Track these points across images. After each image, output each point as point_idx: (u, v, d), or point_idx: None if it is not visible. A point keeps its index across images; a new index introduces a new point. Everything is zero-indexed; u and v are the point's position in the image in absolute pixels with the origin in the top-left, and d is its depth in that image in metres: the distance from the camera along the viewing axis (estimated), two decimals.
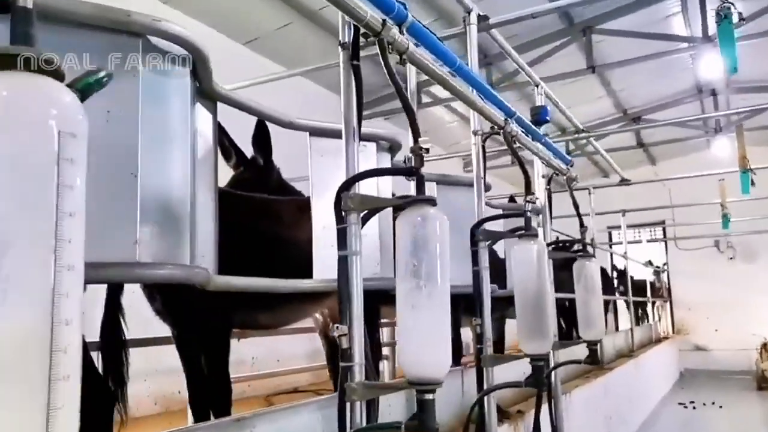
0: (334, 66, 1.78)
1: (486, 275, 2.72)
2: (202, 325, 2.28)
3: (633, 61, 7.02)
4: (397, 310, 1.65)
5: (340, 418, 1.71)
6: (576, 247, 4.08)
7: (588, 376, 5.59)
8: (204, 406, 2.31)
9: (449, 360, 1.66)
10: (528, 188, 2.63)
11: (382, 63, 1.73)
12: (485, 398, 2.68)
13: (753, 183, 6.16)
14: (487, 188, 3.51)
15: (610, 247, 11.76)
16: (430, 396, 1.62)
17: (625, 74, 8.58)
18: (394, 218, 1.86)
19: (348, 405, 1.72)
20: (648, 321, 11.14)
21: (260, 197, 2.60)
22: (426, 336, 1.62)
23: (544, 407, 3.68)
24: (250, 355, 5.40)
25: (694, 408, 8.79)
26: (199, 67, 1.67)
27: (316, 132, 2.25)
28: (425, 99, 7.47)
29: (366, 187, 1.92)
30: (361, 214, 1.81)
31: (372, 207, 1.79)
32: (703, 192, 9.68)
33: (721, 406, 8.77)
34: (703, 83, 9.78)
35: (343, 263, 1.76)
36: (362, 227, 1.84)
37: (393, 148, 2.57)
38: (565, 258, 3.96)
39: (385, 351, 5.52)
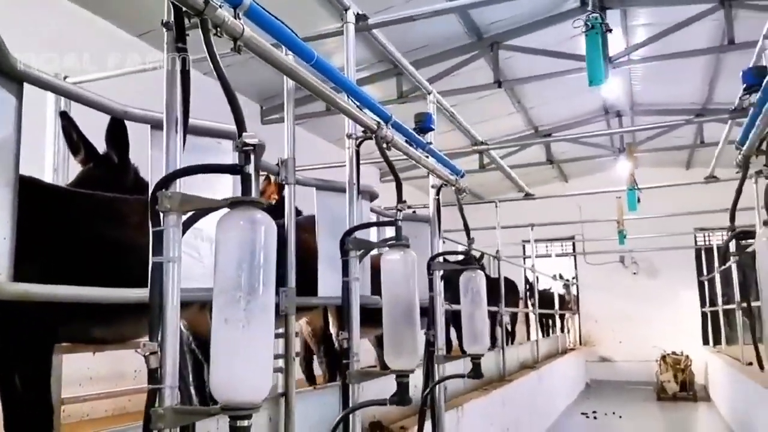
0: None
1: (355, 286, 2.58)
2: (19, 339, 2.00)
3: (539, 78, 7.16)
4: (212, 324, 1.47)
5: None
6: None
7: (486, 388, 5.57)
8: (21, 430, 2.03)
9: (268, 382, 1.48)
10: (399, 196, 2.51)
11: (205, 48, 1.55)
12: (350, 417, 2.53)
13: (639, 200, 6.37)
14: (373, 196, 3.40)
15: (524, 261, 11.99)
16: (245, 422, 1.45)
17: (536, 91, 8.77)
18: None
19: None
20: (555, 332, 11.39)
21: (100, 195, 2.34)
22: (241, 354, 1.44)
23: (429, 423, 3.59)
24: (132, 367, 5.04)
25: (595, 418, 9.01)
26: None
27: (157, 125, 2.04)
28: None
29: None
30: (183, 218, 1.62)
31: (195, 208, 1.60)
32: (609, 209, 10.05)
33: (621, 416, 9.02)
34: (609, 104, 10.15)
35: (157, 271, 1.56)
36: (185, 231, 1.65)
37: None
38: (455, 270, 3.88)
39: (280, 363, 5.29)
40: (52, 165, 3.17)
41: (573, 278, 13.55)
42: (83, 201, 2.29)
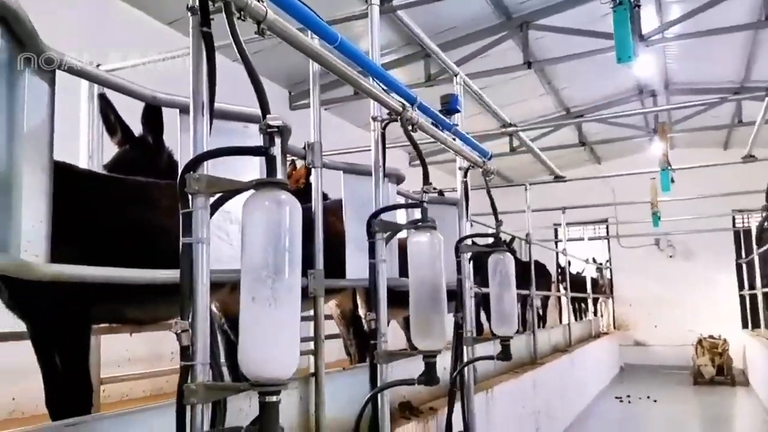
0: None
1: (382, 268, 2.60)
2: (55, 318, 2.08)
3: (569, 58, 7.03)
4: (240, 303, 1.51)
5: (179, 424, 1.55)
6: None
7: (517, 371, 5.56)
8: (60, 408, 2.11)
9: (295, 358, 1.52)
10: (426, 178, 2.52)
11: (229, 31, 1.57)
12: (379, 396, 2.56)
13: (672, 180, 6.22)
14: (400, 179, 3.40)
15: (556, 245, 11.88)
16: (273, 398, 1.48)
17: (567, 72, 8.62)
18: None
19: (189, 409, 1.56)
20: (588, 316, 11.28)
21: (133, 179, 2.40)
22: (268, 332, 1.48)
23: (459, 405, 3.61)
24: (169, 349, 5.19)
25: (629, 402, 8.92)
26: (17, 29, 1.48)
27: (185, 110, 2.08)
28: None
29: None
30: (212, 199, 1.65)
31: (222, 190, 1.63)
32: (643, 191, 9.85)
33: (655, 400, 8.92)
34: (643, 84, 9.91)
35: (187, 252, 1.60)
36: (214, 213, 1.68)
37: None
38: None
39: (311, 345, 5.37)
40: (87, 152, 3.25)
41: (606, 262, 13.37)
42: (117, 185, 2.35)
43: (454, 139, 3.37)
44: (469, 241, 3.70)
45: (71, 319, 2.12)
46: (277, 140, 2.29)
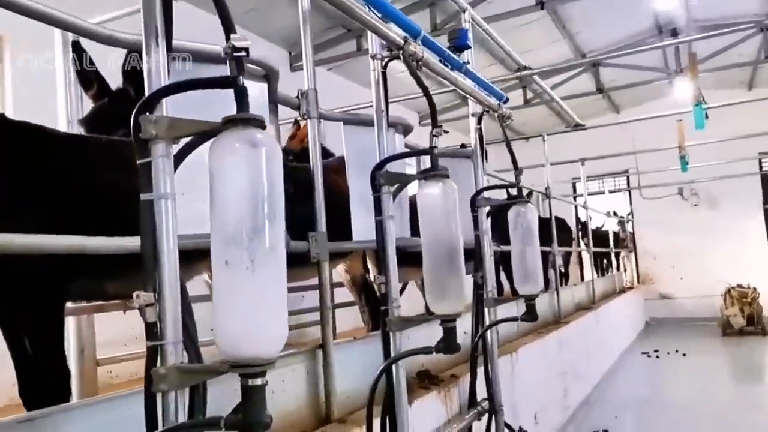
0: None
1: (390, 225, 2.32)
2: (22, 296, 1.83)
3: None
4: (212, 268, 1.23)
5: (148, 416, 1.30)
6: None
7: (541, 331, 5.31)
8: (34, 397, 1.88)
9: (282, 331, 1.24)
10: (434, 120, 2.20)
11: None
12: (393, 368, 2.31)
13: (707, 116, 5.80)
14: (407, 129, 3.10)
15: (575, 199, 11.50)
16: (257, 381, 1.21)
17: (582, 13, 8.13)
18: None
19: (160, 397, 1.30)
20: (612, 272, 10.97)
21: (105, 138, 2.13)
22: (247, 301, 1.20)
23: (482, 371, 3.36)
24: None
25: (657, 357, 8.67)
26: None
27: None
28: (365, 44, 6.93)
29: None
30: (176, 146, 1.37)
31: (186, 133, 1.34)
32: (665, 138, 9.42)
33: (684, 354, 8.66)
34: (663, 22, 9.36)
35: (148, 210, 1.32)
36: (179, 164, 1.40)
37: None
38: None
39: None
40: (66, 116, 2.97)
41: (628, 214, 12.98)
42: (85, 145, 2.08)
43: (464, 80, 3.04)
44: (486, 195, 3.40)
45: (41, 297, 1.87)
46: (270, 81, 2.00)
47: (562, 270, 9.49)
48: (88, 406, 1.62)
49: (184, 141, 1.39)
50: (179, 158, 1.39)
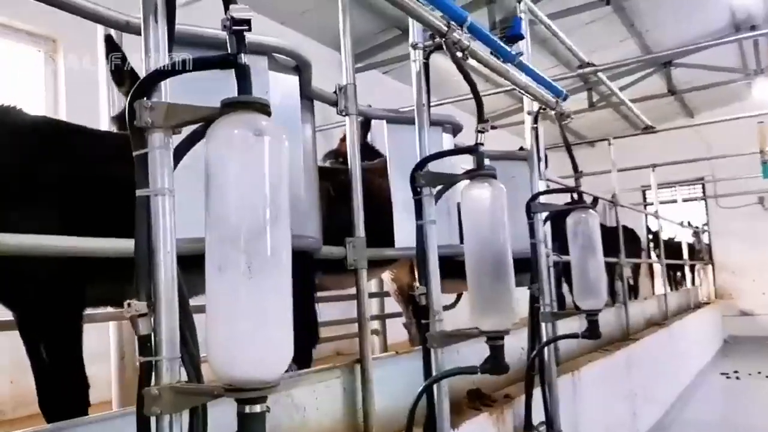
0: None
1: (431, 230, 2.11)
2: (39, 301, 1.73)
3: None
4: (206, 274, 1.07)
5: None
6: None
7: (608, 348, 4.93)
8: (52, 408, 1.78)
9: (285, 350, 1.06)
10: (480, 115, 1.99)
11: None
12: (434, 388, 2.09)
13: None
14: (457, 129, 2.89)
15: (645, 208, 10.90)
16: (256, 408, 1.04)
17: (651, 10, 7.66)
18: None
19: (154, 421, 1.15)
20: (686, 286, 10.29)
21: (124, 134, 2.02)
22: (244, 313, 1.03)
23: (538, 391, 3.09)
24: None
25: (737, 378, 8.02)
26: None
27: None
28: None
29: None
30: (172, 135, 1.21)
31: (184, 120, 1.19)
32: (745, 143, 8.76)
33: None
34: (741, 18, 8.71)
35: (144, 208, 1.18)
36: (182, 156, 1.25)
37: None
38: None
39: (375, 325, 4.98)
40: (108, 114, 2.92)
41: (704, 225, 12.19)
42: (103, 141, 1.98)
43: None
44: (544, 200, 3.14)
45: (57, 302, 1.77)
46: (302, 74, 1.86)
47: (631, 282, 8.96)
48: (108, 420, 1.49)
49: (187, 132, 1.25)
50: (181, 151, 1.24)
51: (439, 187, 2.14)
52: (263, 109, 1.10)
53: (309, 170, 2.22)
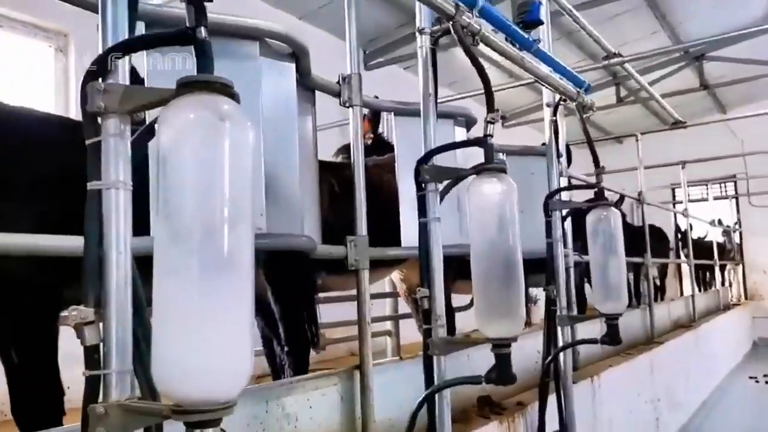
0: None
1: (435, 228, 1.96)
2: (10, 302, 1.63)
3: None
4: (153, 277, 0.94)
5: None
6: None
7: (630, 352, 4.73)
8: (26, 416, 1.68)
9: (243, 365, 0.93)
10: (490, 104, 1.83)
11: None
12: (436, 398, 1.94)
13: None
14: (470, 122, 2.73)
15: (674, 206, 10.56)
16: (208, 431, 0.91)
17: (683, 3, 7.35)
18: None
19: None
20: (715, 286, 9.94)
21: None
22: (195, 323, 0.90)
23: (554, 398, 2.92)
24: None
25: (767, 383, 7.71)
26: None
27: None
28: (442, 41, 6.55)
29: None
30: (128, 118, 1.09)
31: (141, 104, 1.06)
32: None
33: None
34: None
35: (95, 203, 1.05)
36: (141, 144, 1.12)
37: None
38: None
39: (388, 326, 4.84)
40: None
41: (735, 224, 11.78)
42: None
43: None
44: (564, 197, 2.96)
45: (29, 304, 1.66)
46: (298, 61, 1.73)
47: (658, 283, 8.68)
48: None
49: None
50: (139, 142, 1.12)
51: (446, 183, 1.98)
52: (225, 90, 0.96)
53: (307, 164, 2.08)
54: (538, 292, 7.20)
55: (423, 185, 1.96)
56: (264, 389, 1.80)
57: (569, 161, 4.08)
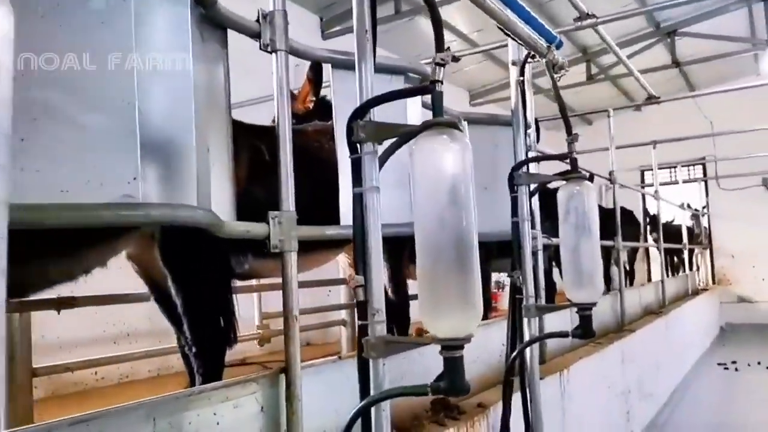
0: None
1: (373, 200, 1.57)
2: None
3: None
4: None
5: None
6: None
7: (600, 342, 4.44)
8: None
9: None
10: (439, 42, 1.43)
11: None
12: (372, 411, 1.57)
13: None
14: (425, 79, 2.33)
15: (643, 189, 10.39)
16: None
17: None
18: None
19: None
20: (684, 271, 9.83)
21: None
22: None
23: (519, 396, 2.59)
24: None
25: (736, 369, 7.59)
26: None
27: None
28: (405, 7, 6.14)
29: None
30: None
31: None
32: (750, 121, 8.24)
33: None
34: None
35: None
36: None
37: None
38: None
39: (343, 315, 4.47)
40: None
41: (703, 207, 11.70)
42: None
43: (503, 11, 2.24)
44: (532, 170, 2.60)
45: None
46: None
47: (627, 268, 8.48)
48: None
49: None
50: None
51: (388, 144, 1.59)
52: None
53: (214, 122, 1.67)
54: (505, 278, 6.91)
55: (358, 147, 1.56)
56: (148, 404, 1.40)
57: (537, 138, 3.73)
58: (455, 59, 1.25)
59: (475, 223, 1.43)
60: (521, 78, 2.54)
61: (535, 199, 3.06)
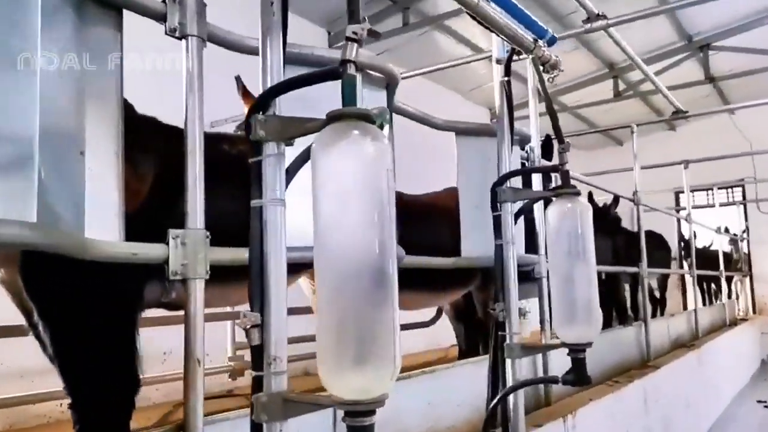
0: None
1: (276, 216, 1.24)
2: None
3: None
4: None
5: None
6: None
7: (619, 380, 3.99)
8: None
9: None
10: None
11: None
12: None
13: None
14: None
15: (677, 212, 9.81)
16: None
17: None
18: None
19: None
20: (721, 299, 9.17)
21: None
22: None
23: None
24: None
25: None
26: None
27: None
28: (413, 19, 5.85)
29: None
30: None
31: None
32: None
33: None
34: None
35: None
36: None
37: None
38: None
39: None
40: None
41: (743, 232, 10.99)
42: None
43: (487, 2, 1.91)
44: (517, 184, 2.24)
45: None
46: None
47: (657, 295, 7.93)
48: None
49: None
50: None
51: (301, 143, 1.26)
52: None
53: (96, 120, 1.38)
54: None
55: (259, 148, 1.24)
56: None
57: (550, 154, 3.37)
58: (374, 33, 0.95)
59: (394, 246, 1.09)
60: (506, 78, 2.19)
61: (540, 217, 2.71)
